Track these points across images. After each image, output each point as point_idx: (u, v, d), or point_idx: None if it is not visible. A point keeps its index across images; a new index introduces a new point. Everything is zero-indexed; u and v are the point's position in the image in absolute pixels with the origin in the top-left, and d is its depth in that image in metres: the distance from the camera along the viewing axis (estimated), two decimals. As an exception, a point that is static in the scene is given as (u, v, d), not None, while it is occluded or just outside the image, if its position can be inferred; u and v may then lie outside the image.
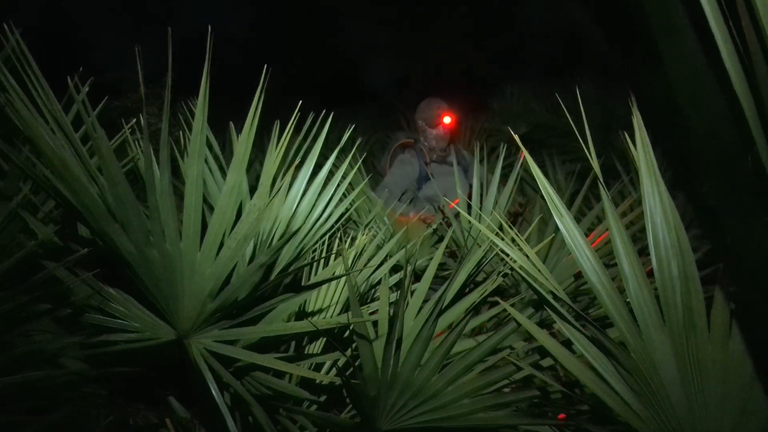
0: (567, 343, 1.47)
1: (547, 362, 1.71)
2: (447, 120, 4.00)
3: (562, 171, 4.64)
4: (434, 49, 13.78)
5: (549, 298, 1.45)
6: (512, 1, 14.12)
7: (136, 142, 2.06)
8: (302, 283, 2.09)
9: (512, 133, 1.63)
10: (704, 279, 1.37)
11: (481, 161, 3.44)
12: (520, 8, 14.14)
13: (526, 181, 4.64)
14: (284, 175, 1.78)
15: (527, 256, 1.53)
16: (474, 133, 6.55)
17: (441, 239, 3.65)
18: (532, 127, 6.61)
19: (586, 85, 6.47)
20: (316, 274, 2.19)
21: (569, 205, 3.60)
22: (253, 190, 1.87)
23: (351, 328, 1.91)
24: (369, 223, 2.83)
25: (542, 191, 1.43)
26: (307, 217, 2.04)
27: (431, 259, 2.17)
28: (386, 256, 2.29)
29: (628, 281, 1.34)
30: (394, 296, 2.08)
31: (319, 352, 1.97)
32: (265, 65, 1.68)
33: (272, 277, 1.79)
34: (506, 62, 13.58)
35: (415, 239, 2.67)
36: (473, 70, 12.82)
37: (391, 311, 1.85)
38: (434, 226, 3.17)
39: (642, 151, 1.40)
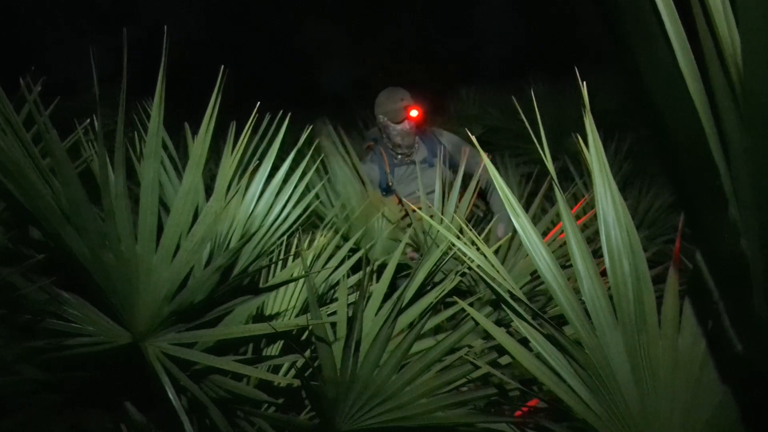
0: (524, 342, 1.50)
1: (504, 360, 1.74)
2: (414, 113, 3.43)
3: (517, 173, 4.72)
4: (391, 51, 13.84)
5: (506, 297, 1.47)
6: (469, 5, 14.28)
7: (90, 143, 2.02)
8: (260, 285, 2.08)
9: (469, 134, 1.66)
10: (654, 278, 1.41)
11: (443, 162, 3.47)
12: (477, 12, 14.32)
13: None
14: (241, 176, 1.78)
15: (485, 256, 1.55)
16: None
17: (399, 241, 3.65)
18: (487, 129, 6.69)
19: (540, 89, 6.58)
20: (274, 276, 2.19)
21: (527, 207, 3.67)
22: (209, 191, 1.86)
23: (310, 329, 1.91)
24: (327, 223, 2.83)
25: (500, 192, 1.46)
26: (264, 219, 2.03)
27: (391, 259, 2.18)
28: (345, 256, 2.29)
29: (582, 280, 1.37)
30: (353, 297, 2.09)
31: (277, 354, 1.96)
32: (222, 66, 1.67)
33: (230, 279, 1.77)
34: (462, 65, 13.72)
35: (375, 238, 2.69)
36: (429, 72, 12.92)
37: (350, 312, 1.86)
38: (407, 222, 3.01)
39: (595, 154, 1.43)
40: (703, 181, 0.57)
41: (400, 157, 3.62)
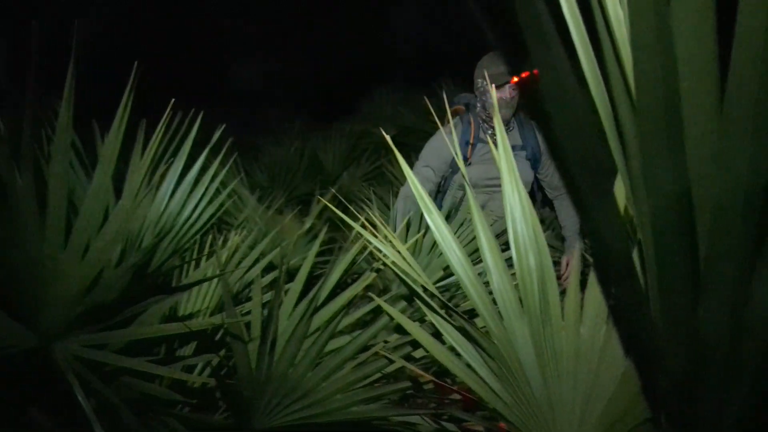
0: (438, 335, 1.55)
1: (419, 353, 1.78)
2: (516, 77, 2.75)
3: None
4: (305, 53, 13.78)
5: (420, 291, 1.51)
6: (380, 7, 14.39)
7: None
8: (174, 285, 2.04)
9: (384, 134, 1.69)
10: (557, 272, 1.49)
11: (350, 164, 3.46)
12: (389, 14, 14.45)
13: (400, 182, 4.75)
14: (152, 175, 1.74)
15: (399, 253, 1.59)
16: (343, 135, 6.62)
17: (315, 237, 3.66)
18: (400, 130, 6.78)
19: (452, 90, 6.73)
20: (187, 276, 2.15)
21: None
22: (118, 190, 1.81)
23: (224, 328, 1.89)
24: (241, 223, 2.80)
25: (413, 189, 1.50)
26: (177, 217, 2.00)
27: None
28: (259, 255, 2.29)
29: (491, 274, 1.43)
30: (268, 296, 2.08)
31: (191, 354, 1.93)
32: (135, 62, 1.63)
33: (144, 279, 1.73)
34: (376, 66, 13.83)
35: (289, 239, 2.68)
36: (344, 73, 12.95)
37: (265, 311, 1.86)
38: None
39: (503, 153, 1.50)
40: (593, 179, 0.62)
41: (490, 132, 3.08)
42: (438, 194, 3.30)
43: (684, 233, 0.68)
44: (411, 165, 4.17)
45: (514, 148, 2.97)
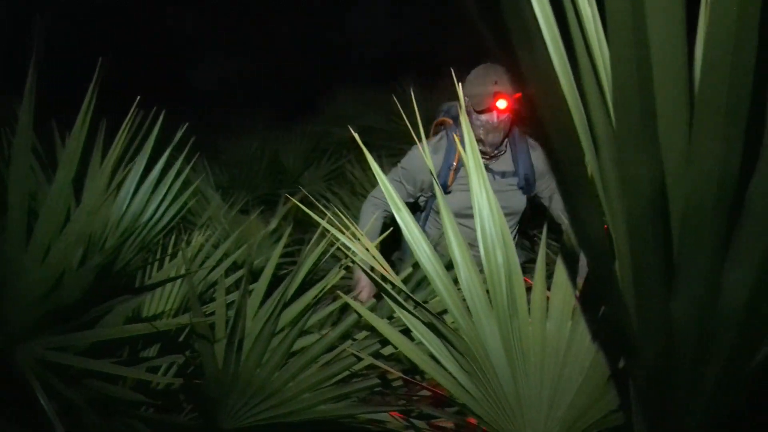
0: (407, 332, 1.56)
1: (388, 351, 1.79)
2: (502, 105, 2.51)
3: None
4: (266, 52, 13.67)
5: (388, 288, 1.52)
6: (343, 7, 14.37)
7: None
8: (139, 285, 2.01)
9: (354, 134, 1.70)
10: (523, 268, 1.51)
11: (311, 164, 3.40)
12: (352, 12, 14.43)
13: (361, 182, 4.75)
14: (113, 175, 1.72)
15: (368, 250, 1.59)
16: (304, 135, 6.60)
17: (279, 239, 3.65)
18: (363, 129, 6.78)
19: (415, 90, 6.75)
20: (151, 277, 2.12)
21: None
22: (78, 191, 1.78)
23: (189, 328, 1.87)
24: (204, 223, 2.77)
25: (382, 187, 1.51)
26: (139, 217, 1.97)
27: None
28: (223, 255, 2.27)
29: (459, 270, 1.45)
30: (232, 296, 2.07)
31: (155, 355, 1.91)
32: (100, 58, 1.60)
33: (107, 280, 1.70)
34: (337, 66, 13.80)
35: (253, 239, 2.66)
36: (304, 73, 12.90)
37: (230, 312, 1.84)
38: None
39: (470, 150, 1.52)
40: (574, 172, 0.64)
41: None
42: (417, 214, 3.02)
43: (658, 226, 0.70)
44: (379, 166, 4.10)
45: (504, 175, 2.74)
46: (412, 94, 1.84)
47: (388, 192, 1.53)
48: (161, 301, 2.02)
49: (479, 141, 2.64)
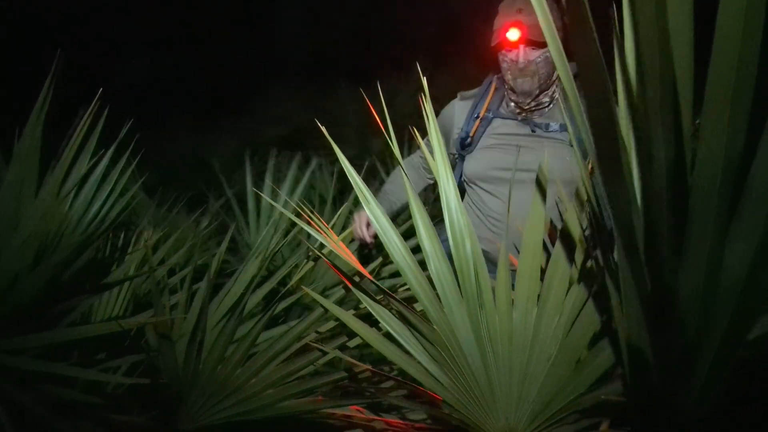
0: (375, 323, 1.55)
1: (355, 342, 1.77)
2: (514, 35, 1.99)
3: (329, 171, 4.82)
4: (195, 45, 13.34)
5: (356, 279, 1.52)
6: (271, 5, 14.19)
7: None
8: (95, 285, 1.93)
9: (320, 126, 1.68)
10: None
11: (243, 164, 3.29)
12: (283, 13, 14.24)
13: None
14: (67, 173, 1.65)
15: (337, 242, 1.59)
16: (234, 133, 6.50)
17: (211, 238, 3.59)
18: (293, 129, 6.73)
19: (346, 91, 6.75)
20: (109, 275, 2.05)
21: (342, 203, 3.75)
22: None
23: (145, 328, 1.81)
24: (143, 223, 2.70)
25: (351, 181, 1.51)
26: (82, 216, 1.90)
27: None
28: (168, 253, 2.22)
29: (429, 259, 1.46)
30: (178, 297, 2.03)
31: (112, 356, 1.83)
32: (59, 50, 1.53)
33: (60, 281, 1.62)
34: (268, 65, 13.61)
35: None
36: (233, 72, 12.66)
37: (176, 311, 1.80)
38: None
39: (437, 145, 1.53)
40: (611, 147, 0.67)
41: (512, 105, 2.19)
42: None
43: (671, 200, 0.75)
44: (306, 164, 3.97)
45: (548, 127, 2.12)
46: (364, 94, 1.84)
47: (357, 185, 1.51)
48: (109, 304, 1.95)
49: (511, 90, 2.15)
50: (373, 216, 1.50)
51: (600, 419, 1.33)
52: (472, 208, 2.26)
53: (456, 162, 2.30)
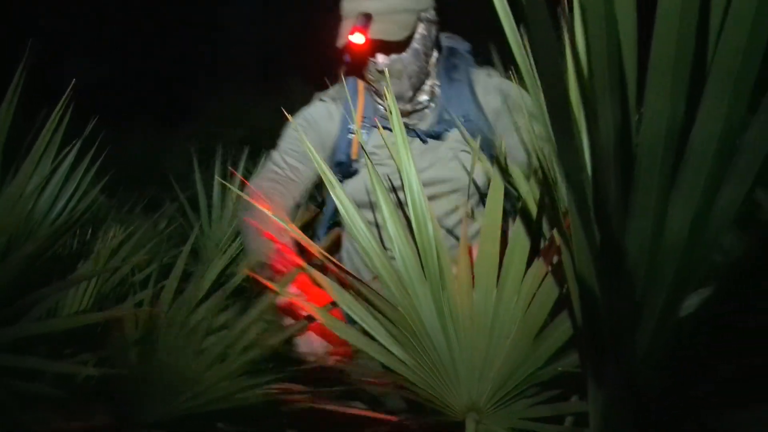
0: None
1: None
2: (357, 38, 1.64)
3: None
4: (144, 46, 13.13)
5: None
6: (226, 5, 14.06)
7: None
8: (60, 279, 1.92)
9: (290, 117, 1.69)
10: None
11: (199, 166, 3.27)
12: (236, 14, 14.10)
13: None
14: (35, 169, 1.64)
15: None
16: (190, 135, 6.43)
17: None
18: (251, 130, 6.68)
19: (303, 91, 6.74)
20: (76, 270, 2.04)
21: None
22: None
23: (105, 324, 1.80)
24: (107, 222, 2.68)
25: (318, 169, 1.53)
26: (48, 212, 1.89)
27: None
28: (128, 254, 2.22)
29: (393, 242, 1.49)
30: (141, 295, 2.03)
31: (73, 351, 1.82)
32: (30, 39, 1.51)
33: (26, 276, 1.61)
34: (221, 65, 13.47)
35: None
36: (185, 72, 12.51)
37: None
38: None
39: (398, 132, 1.56)
40: (563, 113, 0.72)
41: (382, 108, 1.89)
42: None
43: (617, 164, 0.81)
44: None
45: (440, 136, 1.85)
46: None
47: (323, 171, 1.53)
48: (75, 300, 1.94)
49: (377, 95, 1.87)
50: (337, 198, 1.52)
51: (558, 391, 1.39)
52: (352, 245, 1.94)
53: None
